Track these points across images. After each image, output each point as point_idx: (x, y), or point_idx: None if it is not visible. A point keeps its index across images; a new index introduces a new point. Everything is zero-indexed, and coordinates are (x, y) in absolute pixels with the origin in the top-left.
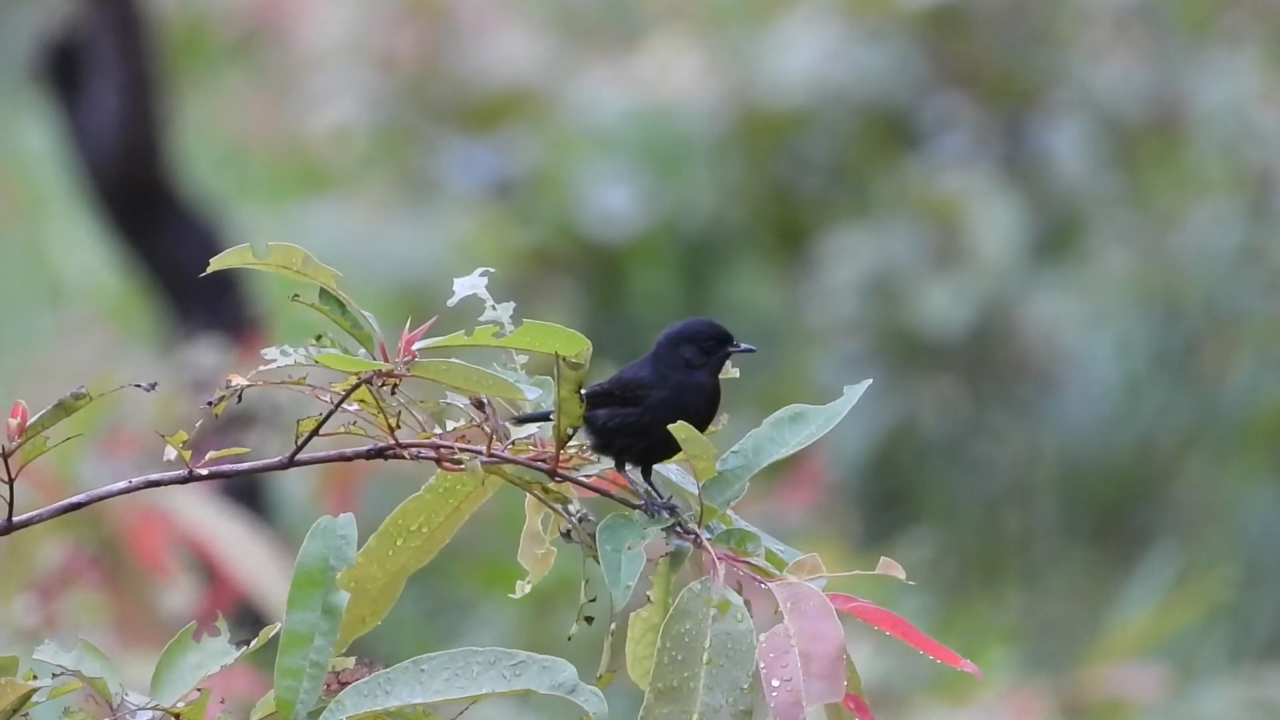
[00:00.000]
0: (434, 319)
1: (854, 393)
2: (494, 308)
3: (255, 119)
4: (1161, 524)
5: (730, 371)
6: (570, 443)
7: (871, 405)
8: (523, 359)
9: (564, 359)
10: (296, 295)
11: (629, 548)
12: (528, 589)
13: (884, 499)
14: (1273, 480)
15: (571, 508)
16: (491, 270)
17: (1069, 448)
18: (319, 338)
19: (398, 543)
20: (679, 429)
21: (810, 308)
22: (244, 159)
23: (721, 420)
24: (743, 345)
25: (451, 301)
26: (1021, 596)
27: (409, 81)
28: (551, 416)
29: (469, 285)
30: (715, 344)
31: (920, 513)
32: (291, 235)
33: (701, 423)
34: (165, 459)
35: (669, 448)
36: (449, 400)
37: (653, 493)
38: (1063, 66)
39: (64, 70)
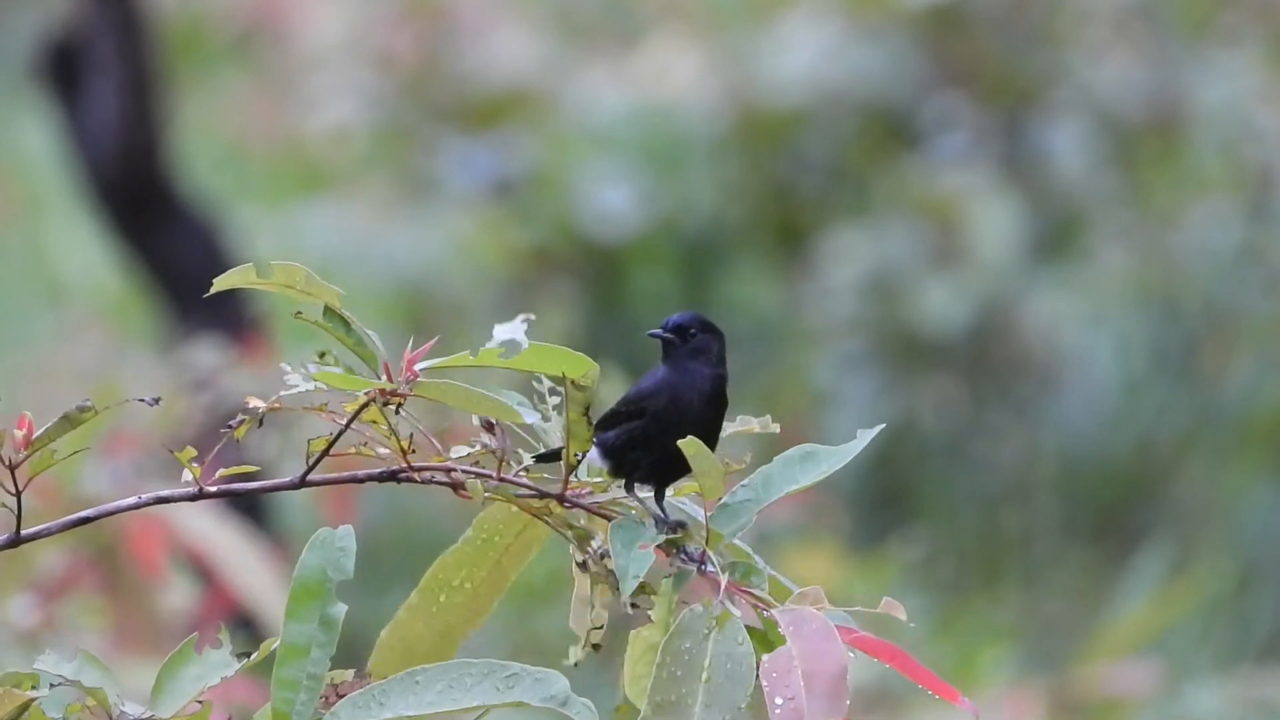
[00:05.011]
0: (436, 339)
1: (866, 436)
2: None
3: (255, 119)
4: (1161, 523)
5: (771, 427)
6: (581, 468)
7: (871, 405)
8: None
9: (571, 381)
10: (299, 312)
11: (640, 547)
12: (580, 655)
13: (883, 498)
14: (1272, 480)
15: (594, 542)
16: (533, 317)
17: (1069, 447)
18: (322, 355)
19: (441, 599)
20: (688, 445)
21: (810, 307)
22: (244, 159)
23: (746, 458)
24: (655, 330)
25: (490, 345)
26: (1020, 596)
27: (409, 81)
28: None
29: (510, 332)
30: (662, 331)
31: (919, 512)
32: (291, 235)
33: (703, 422)
34: (184, 480)
35: (679, 461)
36: (464, 421)
37: (661, 514)
38: (1063, 66)
39: (64, 70)
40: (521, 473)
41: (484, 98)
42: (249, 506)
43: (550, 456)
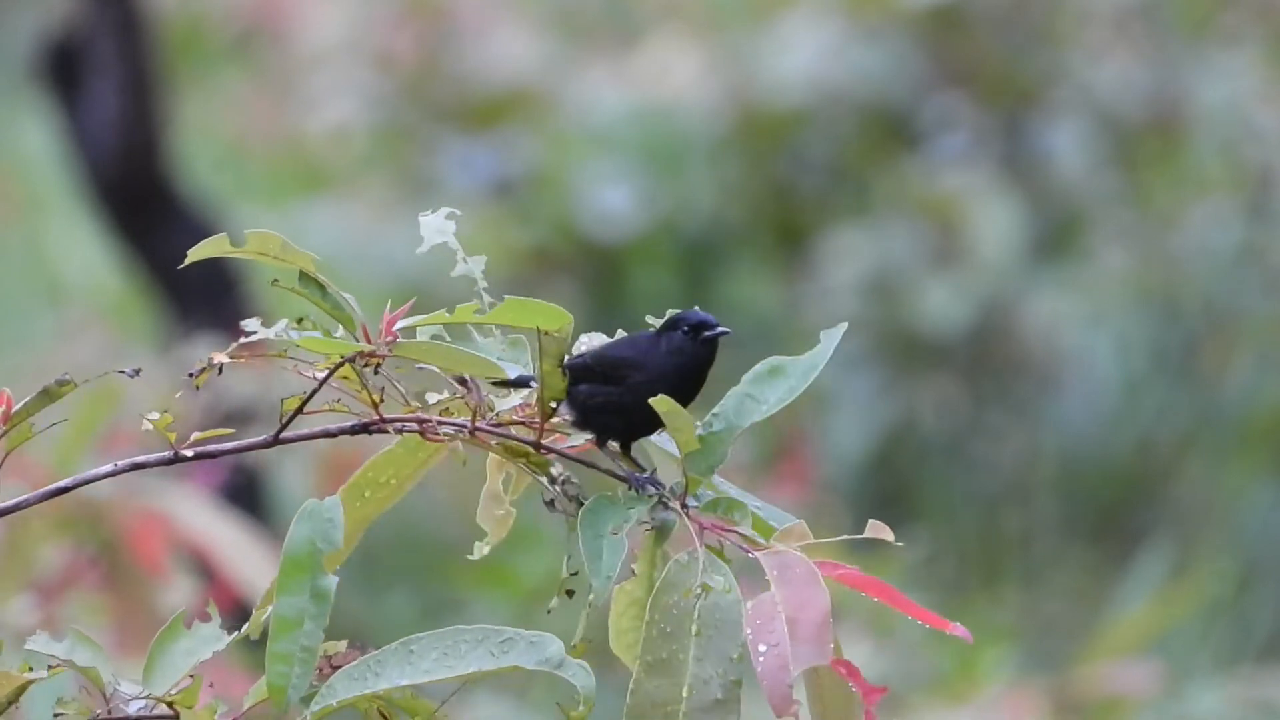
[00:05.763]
0: (413, 299)
1: (831, 340)
2: (465, 260)
3: (255, 119)
4: (1161, 523)
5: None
6: (554, 417)
7: (871, 405)
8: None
9: (545, 333)
10: (276, 280)
11: (612, 532)
12: (486, 550)
13: (883, 498)
14: (1272, 480)
15: (554, 470)
16: (458, 213)
17: (1069, 447)
18: (300, 320)
19: (365, 494)
20: (659, 402)
21: (810, 307)
22: (244, 159)
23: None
24: (719, 329)
25: (421, 249)
26: (1021, 596)
27: (409, 81)
28: (532, 384)
29: (436, 230)
30: (690, 330)
31: (919, 512)
32: (291, 235)
33: (682, 401)
34: (143, 429)
35: (649, 427)
36: (422, 368)
37: (633, 472)
38: (1063, 66)
39: (64, 70)
40: (494, 417)
41: (484, 98)
42: (250, 503)
43: (509, 383)
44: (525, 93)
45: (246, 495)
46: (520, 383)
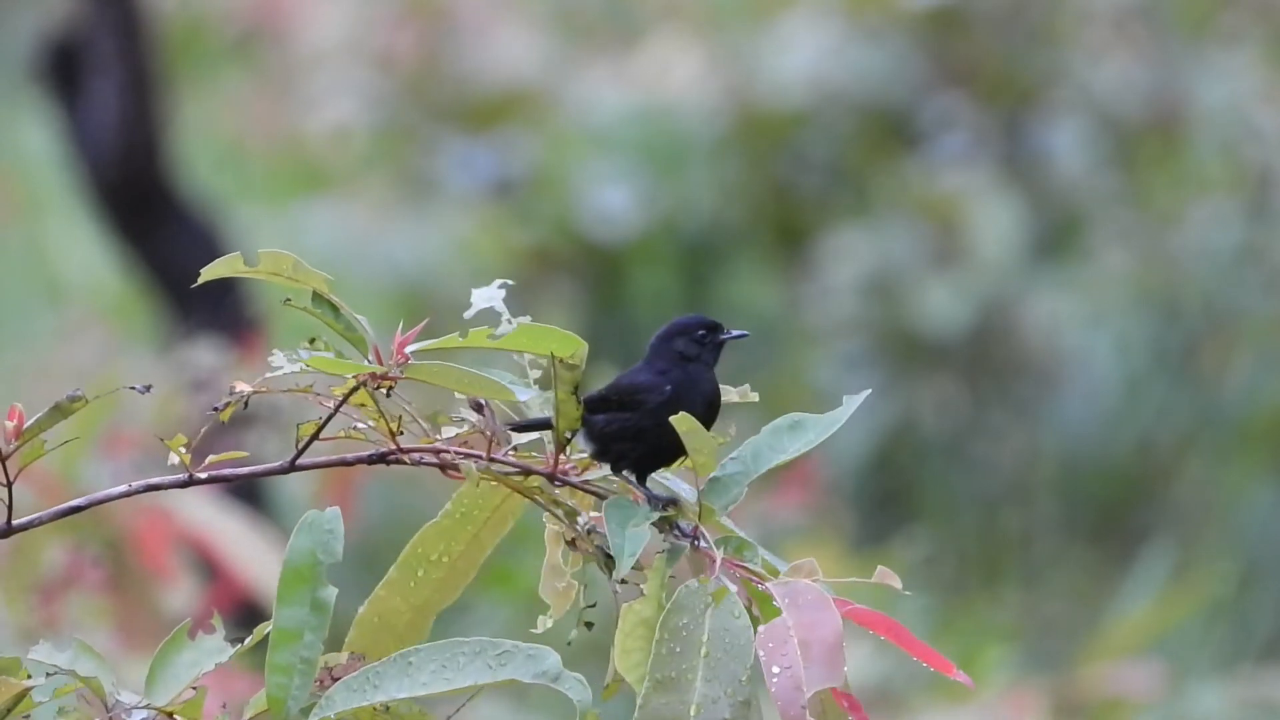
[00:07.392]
0: (426, 320)
1: (852, 402)
2: (510, 321)
3: (255, 119)
4: (1161, 523)
5: (750, 396)
6: (569, 447)
7: (871, 405)
8: (536, 374)
9: (559, 360)
10: (289, 299)
11: (634, 526)
12: (549, 624)
13: (883, 499)
14: (1272, 480)
15: (580, 519)
16: (510, 283)
17: (1069, 447)
18: (312, 341)
19: (419, 573)
20: (680, 420)
21: (810, 307)
22: (244, 159)
23: (731, 430)
24: (734, 331)
25: (468, 314)
26: (1021, 596)
27: (409, 81)
28: (552, 425)
29: (486, 297)
30: (707, 333)
31: (919, 512)
32: (291, 235)
33: (702, 424)
34: (170, 463)
35: (666, 454)
36: (455, 406)
37: (650, 492)
38: (1062, 66)
39: (64, 70)
40: (510, 452)
41: (484, 98)
42: (251, 499)
43: (528, 426)
44: (525, 93)
45: (248, 492)
46: (539, 425)
